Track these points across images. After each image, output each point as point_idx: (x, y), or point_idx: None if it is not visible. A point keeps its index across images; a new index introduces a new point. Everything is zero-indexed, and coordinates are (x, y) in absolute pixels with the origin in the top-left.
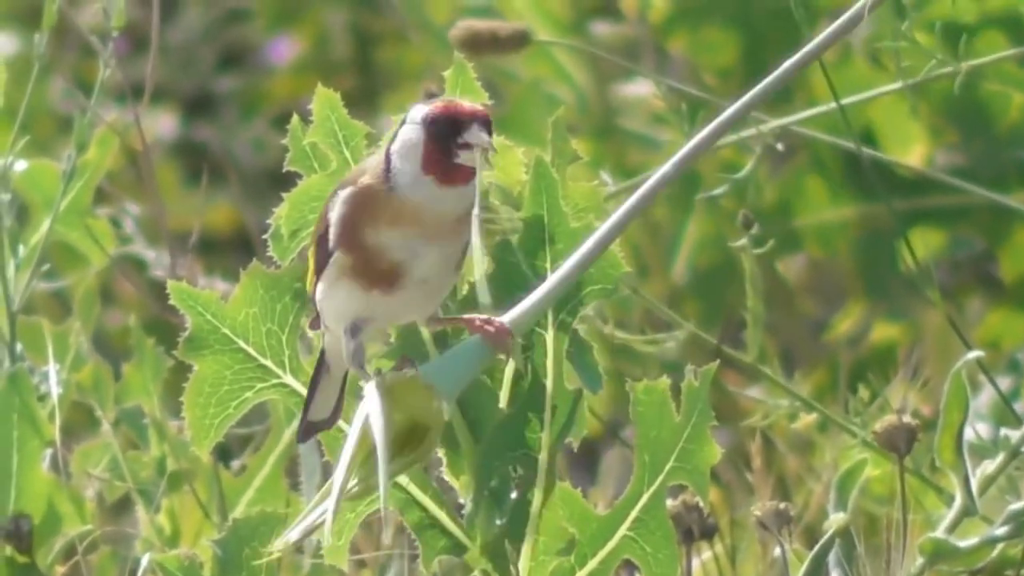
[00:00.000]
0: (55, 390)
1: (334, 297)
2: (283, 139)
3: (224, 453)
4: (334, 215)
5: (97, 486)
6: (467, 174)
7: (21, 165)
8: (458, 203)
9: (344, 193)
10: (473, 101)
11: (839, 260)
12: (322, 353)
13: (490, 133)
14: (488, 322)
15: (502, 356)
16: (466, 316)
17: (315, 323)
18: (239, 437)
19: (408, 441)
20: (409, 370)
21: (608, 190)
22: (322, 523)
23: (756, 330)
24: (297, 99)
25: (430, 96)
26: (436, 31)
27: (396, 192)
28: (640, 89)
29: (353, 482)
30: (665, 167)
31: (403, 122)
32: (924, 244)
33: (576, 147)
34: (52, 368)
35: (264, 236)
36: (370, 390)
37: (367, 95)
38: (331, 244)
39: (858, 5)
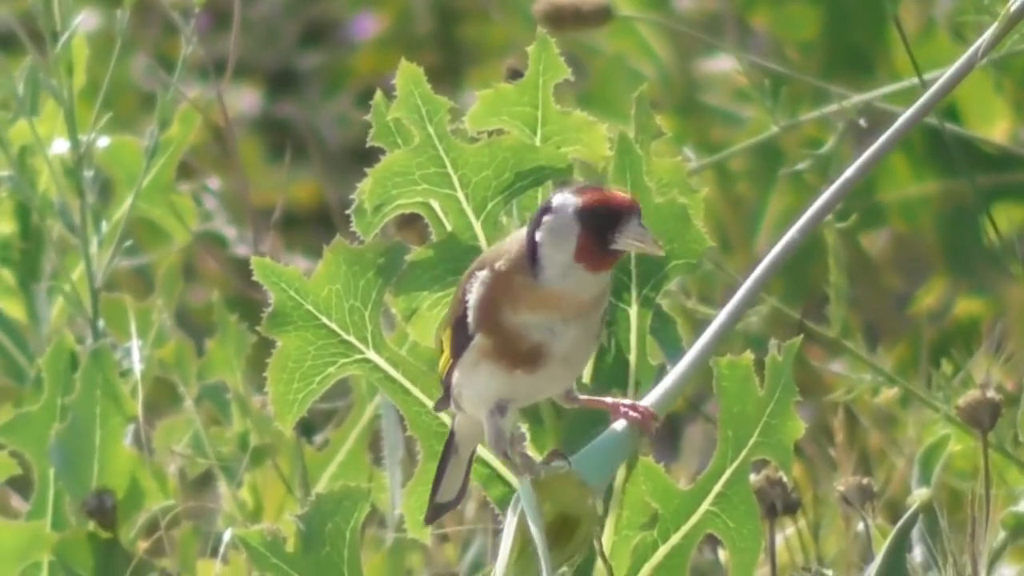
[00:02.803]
0: (138, 366)
1: (475, 380)
2: (366, 114)
3: (307, 428)
4: (473, 298)
5: (180, 462)
6: (611, 262)
7: (104, 142)
8: (600, 286)
9: (483, 276)
10: (620, 191)
11: (922, 235)
12: (451, 436)
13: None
14: (632, 407)
15: (647, 439)
16: (608, 400)
17: (441, 404)
18: (322, 412)
19: (559, 533)
20: (561, 464)
21: (691, 166)
22: None
23: (839, 305)
24: (380, 75)
25: (514, 75)
26: (519, 6)
27: (542, 281)
28: (723, 64)
29: None
30: (820, 201)
31: (545, 209)
32: (1007, 219)
33: (659, 123)
34: (135, 344)
35: (347, 212)
36: (524, 487)
37: (450, 71)
38: (471, 328)
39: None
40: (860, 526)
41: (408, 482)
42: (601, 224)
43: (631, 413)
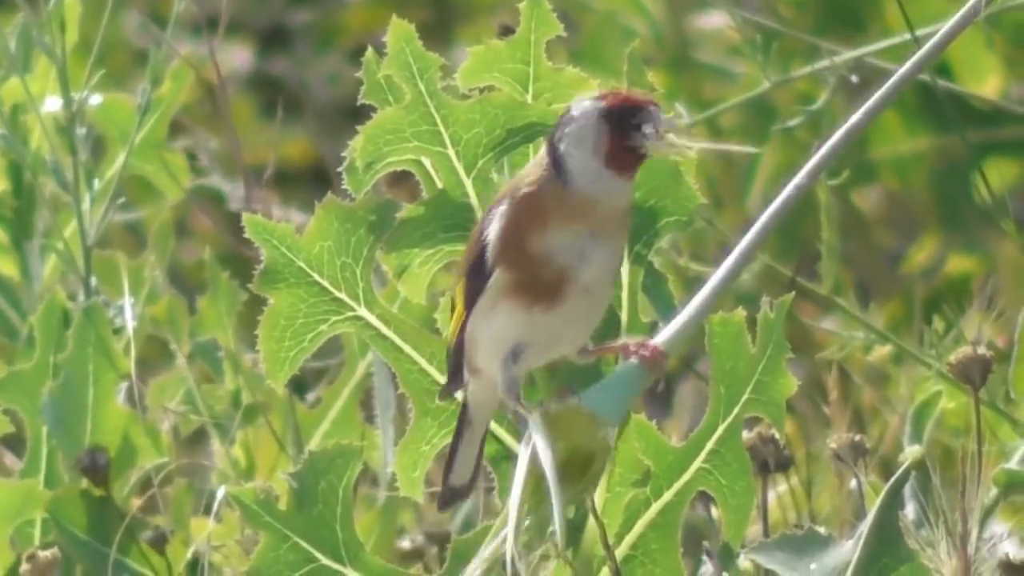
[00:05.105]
0: (130, 323)
1: (491, 324)
2: (358, 72)
3: (299, 386)
4: (492, 231)
5: (172, 419)
6: (638, 163)
7: (96, 99)
8: (627, 195)
9: (504, 207)
10: (642, 92)
11: (914, 192)
12: (463, 410)
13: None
14: (642, 346)
15: (657, 378)
16: (619, 343)
17: (448, 389)
18: (314, 370)
19: (573, 468)
20: (572, 399)
21: (683, 122)
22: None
23: (831, 262)
24: (372, 32)
25: (505, 32)
26: None
27: (570, 187)
28: (715, 21)
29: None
30: (834, 137)
31: (565, 120)
32: (999, 175)
33: (651, 79)
34: (127, 302)
35: (339, 169)
36: (535, 421)
37: (442, 27)
38: (489, 264)
39: None
40: (853, 483)
41: (400, 440)
42: (628, 123)
43: (642, 352)
